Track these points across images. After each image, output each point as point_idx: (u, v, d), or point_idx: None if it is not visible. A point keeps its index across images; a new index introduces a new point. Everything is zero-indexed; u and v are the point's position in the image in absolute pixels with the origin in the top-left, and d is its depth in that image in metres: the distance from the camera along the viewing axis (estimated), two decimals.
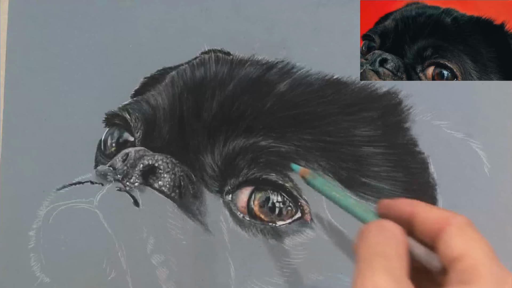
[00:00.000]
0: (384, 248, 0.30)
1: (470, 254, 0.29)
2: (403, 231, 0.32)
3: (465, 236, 0.30)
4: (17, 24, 0.51)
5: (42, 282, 0.47)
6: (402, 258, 0.30)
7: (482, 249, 0.30)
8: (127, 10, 0.50)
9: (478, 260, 0.29)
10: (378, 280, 0.29)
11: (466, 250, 0.29)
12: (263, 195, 0.44)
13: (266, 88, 0.46)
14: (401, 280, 0.29)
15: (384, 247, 0.30)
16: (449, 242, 0.30)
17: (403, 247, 0.31)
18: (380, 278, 0.29)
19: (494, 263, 0.29)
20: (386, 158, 0.44)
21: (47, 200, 0.48)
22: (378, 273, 0.29)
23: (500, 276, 0.29)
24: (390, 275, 0.29)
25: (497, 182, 0.44)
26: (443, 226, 0.31)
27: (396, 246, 0.31)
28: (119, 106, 0.49)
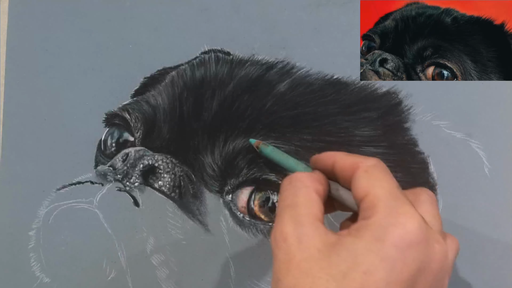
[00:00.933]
0: (292, 198, 0.33)
1: (371, 193, 0.31)
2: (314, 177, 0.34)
3: (369, 177, 0.32)
4: (17, 24, 0.51)
5: (42, 282, 0.47)
6: (310, 204, 0.32)
7: (382, 186, 0.31)
8: (127, 10, 0.50)
9: (376, 197, 0.31)
10: (284, 228, 0.31)
11: (368, 189, 0.31)
12: (263, 195, 0.44)
13: (266, 88, 0.46)
14: (307, 224, 0.31)
15: (292, 198, 0.33)
16: (356, 184, 0.32)
17: (313, 193, 0.33)
18: (286, 226, 0.32)
19: (391, 197, 0.31)
20: (386, 158, 0.44)
21: (47, 200, 0.48)
22: (285, 222, 0.32)
23: (395, 207, 0.30)
24: (295, 222, 0.31)
25: (497, 182, 0.44)
26: (354, 170, 0.33)
27: (304, 194, 0.33)
28: (119, 106, 0.49)
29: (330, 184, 0.35)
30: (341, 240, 0.30)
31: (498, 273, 0.43)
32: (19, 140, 0.50)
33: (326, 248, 0.30)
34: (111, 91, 0.49)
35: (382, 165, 0.33)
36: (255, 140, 0.43)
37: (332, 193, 0.35)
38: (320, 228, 0.31)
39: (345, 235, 0.30)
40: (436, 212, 0.33)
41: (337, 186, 0.35)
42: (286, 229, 0.31)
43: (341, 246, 0.30)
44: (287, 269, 0.30)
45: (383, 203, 0.30)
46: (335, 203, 0.37)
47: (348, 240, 0.30)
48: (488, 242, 0.44)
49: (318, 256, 0.30)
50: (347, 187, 0.34)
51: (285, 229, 0.31)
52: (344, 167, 0.34)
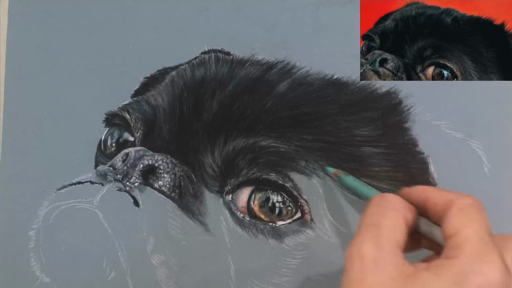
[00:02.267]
0: (378, 218, 0.32)
1: (461, 232, 0.30)
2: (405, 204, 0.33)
3: (463, 215, 0.31)
4: (17, 24, 0.51)
5: (42, 282, 0.47)
6: (396, 229, 0.31)
7: (474, 228, 0.30)
8: (127, 10, 0.50)
9: (465, 238, 0.30)
10: (362, 246, 0.30)
11: (459, 228, 0.30)
12: (263, 195, 0.44)
13: (266, 88, 0.46)
14: (387, 249, 0.30)
15: (379, 218, 0.32)
16: (448, 221, 0.31)
17: (401, 218, 0.32)
18: (365, 245, 0.30)
19: (481, 242, 0.30)
20: (386, 158, 0.44)
21: (47, 200, 0.48)
22: (365, 241, 0.31)
23: (481, 254, 0.29)
24: (376, 243, 0.30)
25: (497, 182, 0.44)
26: (448, 207, 0.32)
27: (392, 217, 0.32)
28: (119, 106, 0.49)
29: (420, 218, 0.34)
30: (418, 273, 0.29)
31: None
32: (19, 140, 0.50)
33: (401, 278, 0.29)
34: (111, 91, 0.49)
35: (479, 205, 0.32)
36: (333, 169, 0.42)
37: (421, 228, 0.34)
38: (398, 256, 0.30)
39: (423, 269, 0.29)
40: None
41: (427, 221, 0.34)
42: (365, 248, 0.30)
43: (416, 279, 0.29)
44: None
45: (470, 247, 0.29)
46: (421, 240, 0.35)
47: (425, 275, 0.29)
48: None
49: (391, 284, 0.29)
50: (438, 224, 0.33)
51: (364, 247, 0.30)
52: (437, 203, 0.33)
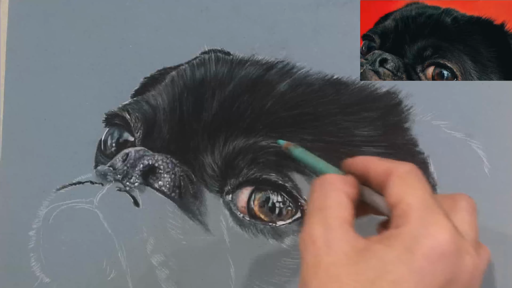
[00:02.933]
0: (322, 200, 0.32)
1: (404, 200, 0.31)
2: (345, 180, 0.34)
3: (403, 183, 0.31)
4: (17, 24, 0.51)
5: (42, 282, 0.47)
6: (341, 207, 0.32)
7: (416, 194, 0.31)
8: (127, 10, 0.50)
9: (409, 205, 0.30)
10: (313, 231, 0.31)
11: (401, 196, 0.31)
12: (263, 195, 0.44)
13: (266, 88, 0.46)
14: (336, 227, 0.31)
15: (322, 200, 0.32)
16: (389, 190, 0.32)
17: (343, 196, 0.32)
18: (315, 229, 0.31)
19: (425, 206, 0.30)
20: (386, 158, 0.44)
21: (47, 200, 0.48)
22: (314, 225, 0.31)
23: (427, 217, 0.30)
24: (325, 225, 0.31)
25: (497, 182, 0.44)
26: (387, 175, 0.32)
27: (335, 197, 0.32)
28: (119, 106, 0.49)
29: (363, 189, 0.34)
30: (370, 247, 0.30)
31: (498, 273, 0.43)
32: (19, 140, 0.50)
33: (354, 254, 0.30)
34: (111, 91, 0.49)
35: (417, 171, 0.32)
36: (284, 141, 0.42)
37: (365, 198, 0.34)
38: (349, 232, 0.31)
39: (375, 242, 0.30)
40: (472, 221, 0.32)
41: (370, 191, 0.34)
42: (315, 231, 0.31)
43: (370, 253, 0.29)
44: (315, 272, 0.30)
45: (415, 213, 0.30)
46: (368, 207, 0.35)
47: (378, 247, 0.29)
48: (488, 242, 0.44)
49: (347, 262, 0.29)
50: (380, 193, 0.33)
51: (314, 231, 0.31)
52: (377, 172, 0.33)
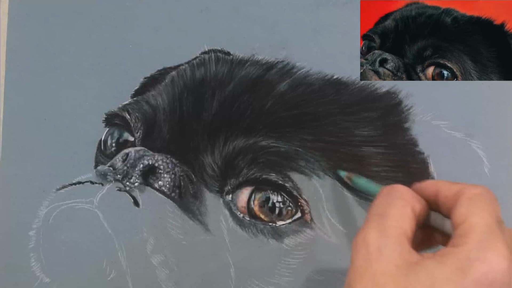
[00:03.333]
0: (385, 208, 0.32)
1: (468, 220, 0.30)
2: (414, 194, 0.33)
3: (471, 204, 0.31)
4: (17, 24, 0.51)
5: (42, 282, 0.47)
6: (402, 218, 0.31)
7: (481, 216, 0.30)
8: (127, 10, 0.50)
9: (472, 226, 0.30)
10: (368, 235, 0.30)
11: (466, 216, 0.30)
12: (263, 195, 0.44)
13: (266, 88, 0.46)
14: (392, 237, 0.30)
15: (385, 207, 0.32)
16: (457, 211, 0.31)
17: (408, 208, 0.32)
18: (371, 234, 0.30)
19: (487, 230, 0.29)
20: (386, 158, 0.44)
21: (47, 200, 0.48)
22: (371, 229, 0.31)
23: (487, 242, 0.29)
24: (381, 232, 0.30)
25: (497, 182, 0.44)
26: (458, 197, 0.32)
27: (399, 206, 0.32)
28: (119, 106, 0.49)
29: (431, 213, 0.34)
30: (422, 262, 0.29)
31: None
32: (19, 140, 0.50)
33: (405, 266, 0.29)
34: (111, 91, 0.49)
35: (488, 194, 0.32)
36: (345, 172, 0.42)
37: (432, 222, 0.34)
38: (404, 244, 0.30)
39: (428, 258, 0.29)
40: None
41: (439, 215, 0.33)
42: (370, 236, 0.30)
43: (421, 267, 0.29)
44: (361, 277, 0.30)
45: (476, 235, 0.29)
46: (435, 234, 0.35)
47: (429, 263, 0.29)
48: None
49: (396, 272, 0.29)
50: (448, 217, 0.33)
51: (369, 236, 0.30)
52: (448, 195, 0.33)
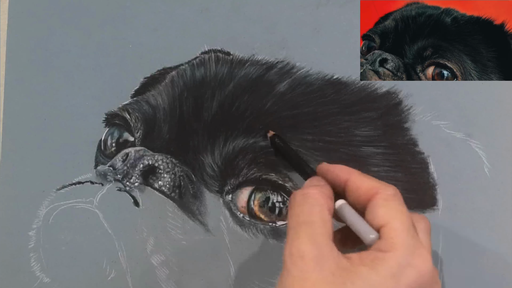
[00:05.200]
0: (308, 216, 0.33)
1: (390, 225, 0.32)
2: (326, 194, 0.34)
3: (388, 206, 0.33)
4: (17, 24, 0.51)
5: (42, 282, 0.47)
6: (326, 223, 0.33)
7: (402, 220, 0.32)
8: (127, 10, 0.50)
9: (396, 231, 0.32)
10: (302, 246, 0.32)
11: (387, 220, 0.32)
12: (263, 195, 0.44)
13: (266, 88, 0.46)
14: (323, 245, 0.32)
15: (308, 215, 0.33)
16: (374, 212, 0.33)
17: (326, 211, 0.33)
18: (304, 244, 0.32)
19: (410, 235, 0.32)
20: (386, 158, 0.44)
21: (47, 200, 0.48)
22: (302, 240, 0.32)
23: (412, 247, 0.31)
24: (313, 241, 0.32)
25: (497, 182, 0.44)
26: (371, 195, 0.33)
27: (319, 213, 0.33)
28: (119, 106, 0.49)
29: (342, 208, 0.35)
30: (356, 268, 0.31)
31: (498, 273, 0.43)
32: (19, 140, 0.50)
33: (339, 273, 0.31)
34: (111, 91, 0.49)
35: (400, 195, 0.34)
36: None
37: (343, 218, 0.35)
38: (334, 250, 0.32)
39: (359, 264, 0.31)
40: (429, 242, 0.35)
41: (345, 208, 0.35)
42: (304, 247, 0.32)
43: (356, 275, 0.31)
44: (301, 286, 0.31)
45: (402, 240, 0.31)
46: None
47: (363, 270, 0.31)
48: (488, 242, 0.44)
49: (333, 280, 0.30)
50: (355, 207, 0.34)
51: (303, 247, 0.32)
52: (360, 189, 0.34)
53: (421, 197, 0.44)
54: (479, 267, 0.43)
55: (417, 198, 0.44)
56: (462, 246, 0.44)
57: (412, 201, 0.44)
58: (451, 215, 0.44)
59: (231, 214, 0.45)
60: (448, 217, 0.44)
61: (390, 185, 0.34)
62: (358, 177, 0.35)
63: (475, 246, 0.44)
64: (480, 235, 0.44)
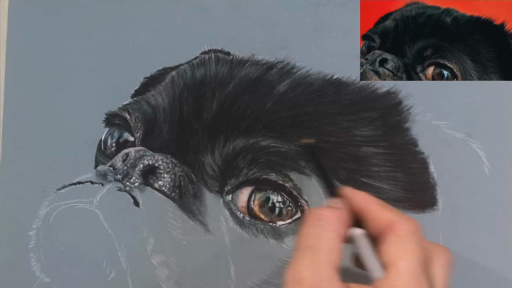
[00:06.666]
0: (316, 240, 0.32)
1: (397, 265, 0.31)
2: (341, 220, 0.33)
3: (400, 245, 0.32)
4: (17, 24, 0.51)
5: (42, 282, 0.47)
6: (333, 252, 0.32)
7: (409, 262, 0.31)
8: (127, 10, 0.50)
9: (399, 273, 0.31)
10: (302, 271, 0.31)
11: (395, 260, 0.32)
12: (263, 195, 0.44)
13: (266, 88, 0.46)
14: (325, 274, 0.31)
15: (316, 240, 0.32)
16: (386, 249, 0.32)
17: (337, 239, 0.33)
18: (304, 270, 0.31)
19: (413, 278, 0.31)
20: (386, 158, 0.44)
21: (47, 200, 0.48)
22: (304, 265, 0.32)
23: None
24: (314, 269, 0.31)
25: (497, 182, 0.44)
26: (388, 230, 0.33)
27: (329, 239, 0.32)
28: (119, 106, 0.49)
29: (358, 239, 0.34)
30: None
31: (498, 273, 0.43)
32: (19, 140, 0.50)
33: None
34: (111, 91, 0.49)
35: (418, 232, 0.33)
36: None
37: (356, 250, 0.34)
38: (334, 280, 0.31)
39: None
40: (445, 277, 0.34)
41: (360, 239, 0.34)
42: (304, 273, 0.31)
43: None
44: None
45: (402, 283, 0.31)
46: None
47: None
48: (488, 242, 0.44)
49: None
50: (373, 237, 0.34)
51: (303, 272, 0.31)
52: (377, 221, 0.34)
53: (421, 197, 0.44)
54: (479, 267, 0.43)
55: (417, 198, 0.44)
56: (462, 246, 0.44)
57: (412, 201, 0.44)
58: (451, 215, 0.44)
59: (231, 214, 0.45)
60: (448, 217, 0.44)
61: (411, 219, 0.34)
62: (377, 208, 0.34)
63: (475, 246, 0.44)
64: (480, 235, 0.44)
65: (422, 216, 0.44)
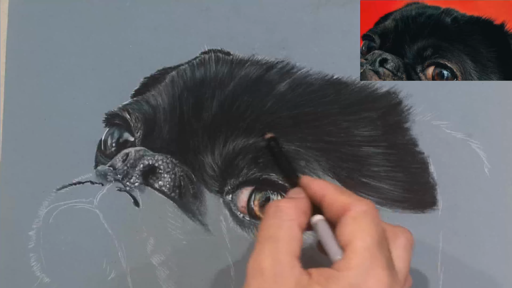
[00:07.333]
0: (275, 231, 0.33)
1: (352, 244, 0.32)
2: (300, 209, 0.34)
3: (355, 225, 0.33)
4: (17, 24, 0.51)
5: (42, 282, 0.47)
6: (292, 240, 0.33)
7: (364, 239, 0.32)
8: (127, 10, 0.50)
9: (355, 250, 0.32)
10: (262, 261, 0.32)
11: (351, 239, 0.32)
12: (263, 195, 0.44)
13: (266, 88, 0.46)
14: (285, 262, 0.32)
15: (276, 230, 0.33)
16: (341, 230, 0.33)
17: (296, 228, 0.33)
18: (264, 260, 0.32)
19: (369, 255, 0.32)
20: (386, 158, 0.44)
21: (47, 200, 0.48)
22: (264, 255, 0.32)
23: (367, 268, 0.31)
24: (275, 258, 0.32)
25: (497, 182, 0.44)
26: (343, 213, 0.33)
27: (287, 229, 0.33)
28: (119, 106, 0.49)
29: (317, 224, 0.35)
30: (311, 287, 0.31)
31: (498, 273, 0.43)
32: (19, 140, 0.50)
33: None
34: (111, 91, 0.49)
35: (372, 211, 0.34)
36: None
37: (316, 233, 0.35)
38: (295, 268, 0.32)
39: (314, 282, 0.31)
40: (407, 258, 0.34)
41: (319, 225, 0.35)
42: (264, 262, 0.32)
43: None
44: None
45: (358, 261, 0.31)
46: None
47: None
48: (488, 242, 0.44)
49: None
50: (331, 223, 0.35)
51: (263, 262, 0.32)
52: (333, 205, 0.34)
53: (421, 197, 0.44)
54: (479, 267, 0.43)
55: (417, 198, 0.44)
56: (462, 246, 0.44)
57: (412, 201, 0.44)
58: (451, 215, 0.44)
59: (231, 214, 0.45)
60: (448, 217, 0.44)
61: (365, 200, 0.34)
62: (333, 193, 0.35)
63: (475, 246, 0.44)
64: (480, 235, 0.44)
65: (422, 216, 0.44)
